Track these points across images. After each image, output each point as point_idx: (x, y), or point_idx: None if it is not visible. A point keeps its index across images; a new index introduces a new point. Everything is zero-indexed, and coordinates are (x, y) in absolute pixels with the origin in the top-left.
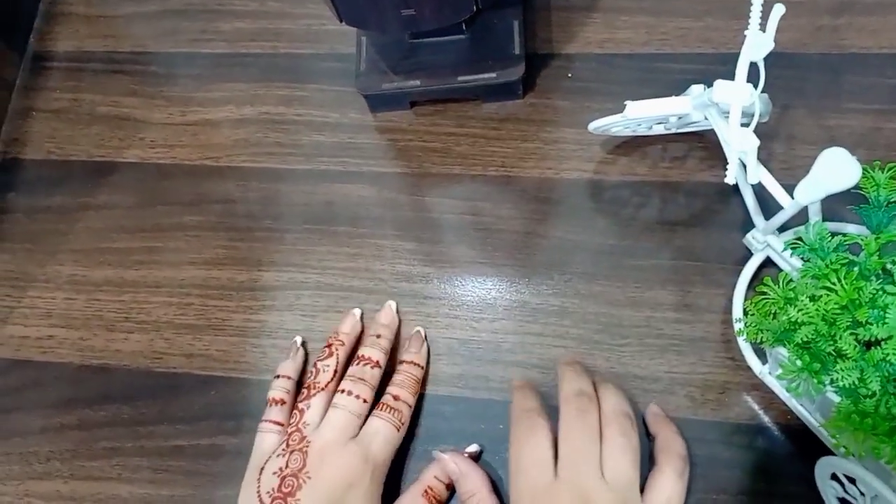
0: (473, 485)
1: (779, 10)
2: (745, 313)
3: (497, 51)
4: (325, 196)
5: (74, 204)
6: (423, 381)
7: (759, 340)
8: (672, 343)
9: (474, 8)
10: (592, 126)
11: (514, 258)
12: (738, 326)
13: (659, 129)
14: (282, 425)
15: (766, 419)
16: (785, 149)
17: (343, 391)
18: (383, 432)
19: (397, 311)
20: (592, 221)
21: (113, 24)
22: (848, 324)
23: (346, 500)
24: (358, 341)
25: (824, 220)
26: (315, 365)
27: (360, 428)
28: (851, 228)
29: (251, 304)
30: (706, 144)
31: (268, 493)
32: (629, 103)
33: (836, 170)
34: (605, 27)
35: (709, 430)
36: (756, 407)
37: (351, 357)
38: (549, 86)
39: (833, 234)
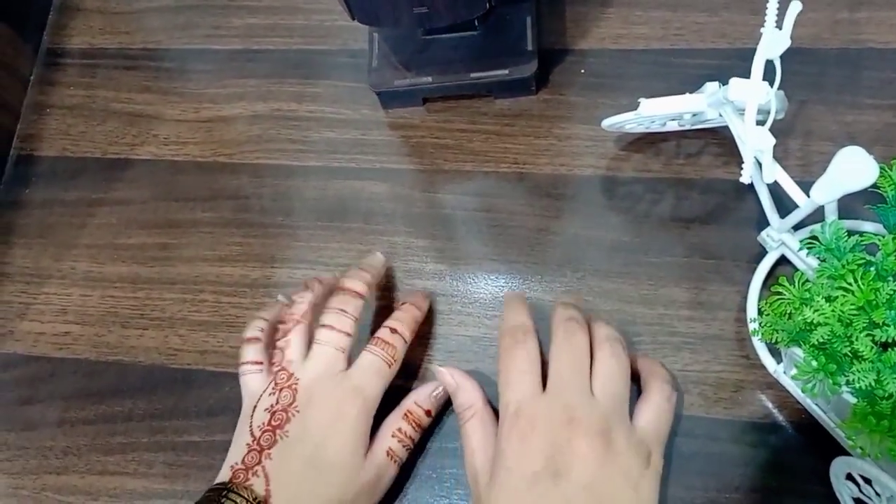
0: (470, 397)
1: (796, 7)
2: (760, 313)
3: (510, 47)
4: (338, 192)
5: (89, 200)
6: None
7: (774, 340)
8: (685, 341)
9: (487, 5)
10: (606, 123)
11: (527, 255)
12: (752, 326)
13: (673, 126)
14: (261, 364)
15: (780, 418)
16: (801, 145)
17: (324, 325)
18: (375, 367)
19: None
20: (606, 218)
21: (126, 20)
22: (864, 325)
23: (335, 432)
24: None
25: (840, 218)
26: (291, 298)
27: (347, 361)
28: (868, 227)
29: (265, 301)
30: (721, 141)
31: (258, 426)
32: (643, 100)
33: (852, 169)
34: (620, 22)
35: (722, 428)
36: (770, 406)
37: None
38: (562, 82)
39: (850, 234)
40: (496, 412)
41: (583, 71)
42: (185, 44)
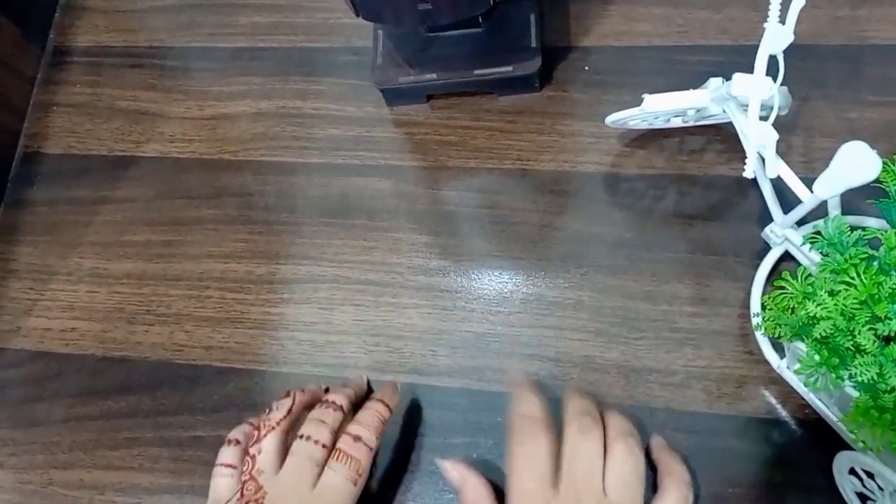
0: (475, 494)
1: (799, 3)
2: (763, 307)
3: (513, 44)
4: (342, 189)
5: (95, 197)
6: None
7: (776, 335)
8: (689, 337)
9: (491, 2)
10: (610, 119)
11: (531, 251)
12: (755, 321)
13: (677, 122)
14: (234, 468)
15: (783, 413)
16: (804, 141)
17: (302, 436)
18: (340, 488)
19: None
20: (609, 214)
21: (131, 19)
22: (867, 319)
23: None
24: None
25: (843, 213)
26: (270, 404)
27: (319, 476)
28: (871, 222)
29: (269, 297)
30: (724, 137)
31: None
32: (647, 96)
33: (855, 164)
34: (623, 19)
35: (725, 423)
36: (773, 401)
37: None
38: (565, 78)
39: (852, 229)
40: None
41: (586, 68)
42: (189, 42)
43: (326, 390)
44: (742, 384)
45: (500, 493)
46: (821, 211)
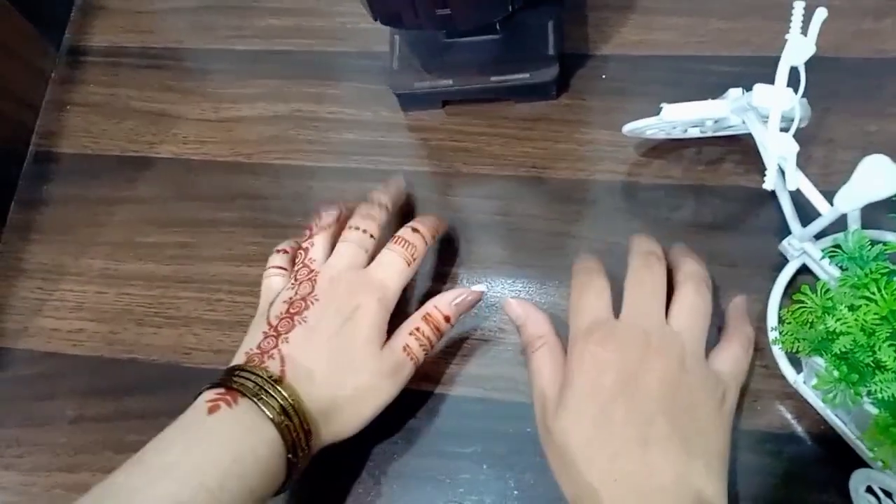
0: (540, 328)
1: (821, 14)
2: (781, 321)
3: (531, 51)
4: (356, 194)
5: (108, 198)
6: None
7: (794, 349)
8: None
9: (510, 9)
10: (627, 128)
11: (545, 259)
12: (773, 335)
13: (694, 133)
14: (285, 269)
15: (798, 428)
16: (824, 153)
17: (350, 227)
18: (395, 264)
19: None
20: (625, 224)
21: (148, 19)
22: (888, 335)
23: (353, 321)
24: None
25: (863, 227)
26: (318, 212)
27: (368, 261)
28: (892, 237)
29: None
30: (742, 148)
31: (276, 315)
32: (665, 106)
33: (876, 177)
34: (641, 28)
35: (740, 437)
36: (789, 416)
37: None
38: (582, 86)
39: (873, 243)
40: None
41: (603, 76)
42: (206, 44)
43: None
44: (757, 398)
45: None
46: (839, 224)
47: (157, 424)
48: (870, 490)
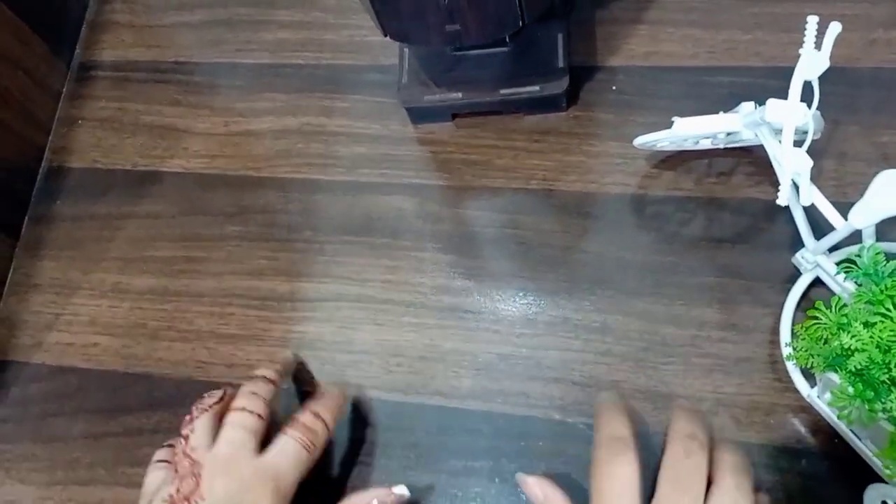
0: None
1: (835, 29)
2: (795, 335)
3: (541, 64)
4: (365, 208)
5: (118, 212)
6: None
7: (809, 365)
8: (718, 363)
9: (520, 23)
10: (638, 142)
11: (556, 273)
12: (786, 350)
13: (706, 144)
14: (167, 462)
15: (812, 443)
16: (836, 166)
17: (234, 408)
18: (292, 451)
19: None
20: (636, 237)
21: (157, 34)
22: None
23: None
24: None
25: (878, 240)
26: (201, 396)
27: (259, 446)
28: None
29: (291, 315)
30: (753, 160)
31: None
32: (677, 119)
33: (892, 192)
34: (651, 40)
35: (754, 452)
36: (803, 430)
37: None
38: (592, 99)
39: (888, 258)
40: None
41: (613, 88)
42: (215, 58)
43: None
44: (771, 412)
45: None
46: (854, 237)
47: (171, 439)
48: None
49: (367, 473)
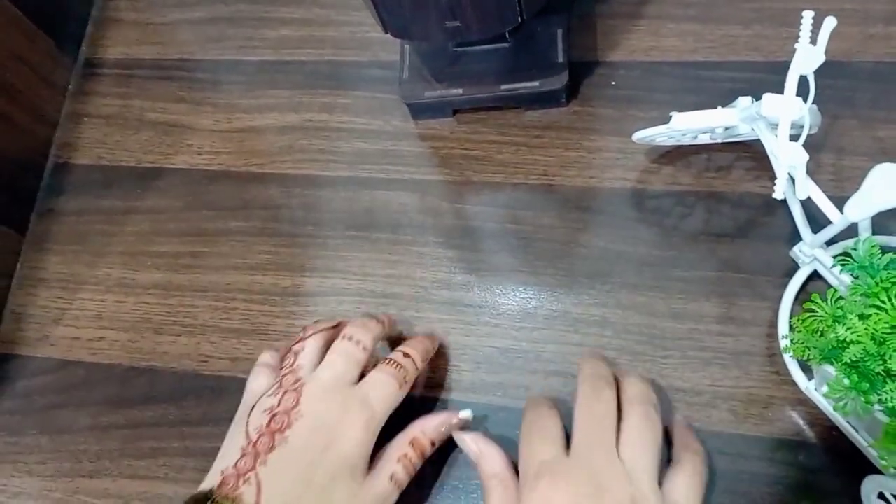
0: (494, 465)
1: (830, 24)
2: (792, 329)
3: (541, 59)
4: (367, 203)
5: (123, 208)
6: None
7: (805, 358)
8: (716, 356)
9: (519, 19)
10: (637, 136)
11: (556, 267)
12: (783, 342)
13: (704, 139)
14: (273, 369)
15: (810, 435)
16: (834, 160)
17: (344, 336)
18: (386, 385)
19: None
20: (635, 231)
21: (161, 31)
22: None
23: (336, 448)
24: None
25: (874, 233)
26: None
27: (359, 377)
28: None
29: (294, 310)
30: (752, 154)
31: (255, 428)
32: (675, 114)
33: (887, 185)
34: (651, 35)
35: (752, 445)
36: (801, 422)
37: None
38: (592, 94)
39: (883, 251)
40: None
41: (613, 83)
42: (218, 55)
43: None
44: (769, 405)
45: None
46: (851, 230)
47: (175, 432)
48: (882, 497)
49: None
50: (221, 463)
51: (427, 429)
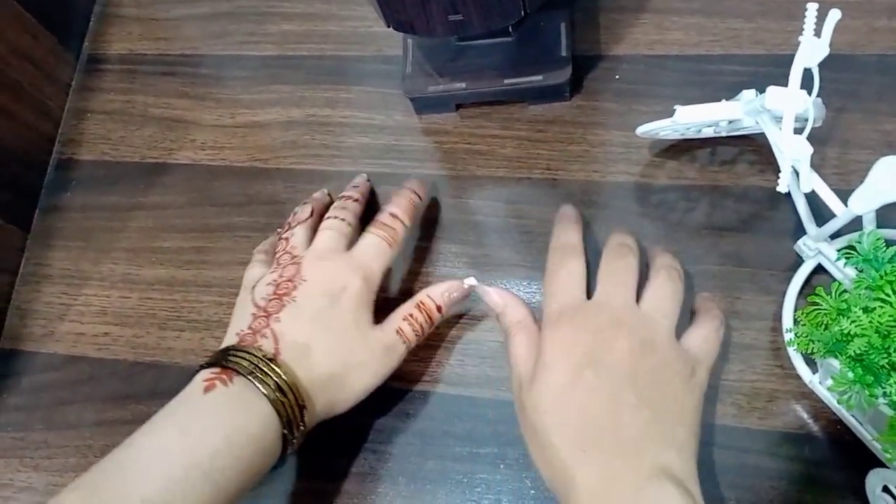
0: (518, 313)
1: (834, 16)
2: (796, 322)
3: (544, 53)
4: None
5: (127, 204)
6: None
7: (809, 351)
8: (720, 350)
9: (522, 13)
10: (641, 130)
11: None
12: (788, 336)
13: (708, 133)
14: (268, 260)
15: (814, 428)
16: (839, 154)
17: (328, 217)
18: (376, 245)
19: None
20: (639, 225)
21: (164, 27)
22: None
23: (341, 300)
24: None
25: (879, 227)
26: (294, 210)
27: (348, 247)
28: None
29: None
30: (756, 148)
31: (262, 297)
32: (679, 108)
33: (892, 178)
34: (655, 28)
35: (756, 438)
36: (805, 416)
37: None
38: (596, 88)
39: (888, 244)
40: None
41: (617, 77)
42: (221, 50)
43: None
44: (773, 399)
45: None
46: (855, 224)
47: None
48: (886, 490)
49: (374, 460)
50: (235, 327)
51: (434, 294)
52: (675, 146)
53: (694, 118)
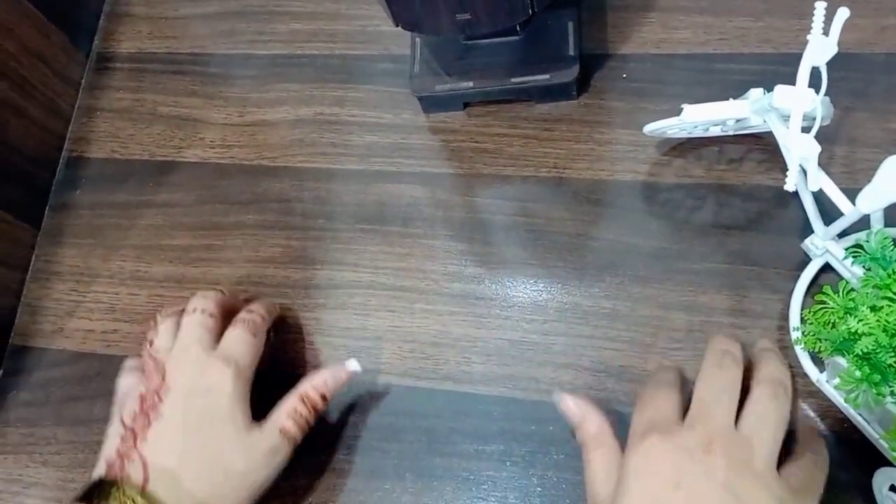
0: (597, 428)
1: (843, 14)
2: (803, 321)
3: (551, 52)
4: (378, 196)
5: (136, 202)
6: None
7: (817, 350)
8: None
9: (530, 11)
10: (648, 129)
11: (566, 260)
12: (795, 335)
13: (716, 131)
14: (136, 369)
15: (821, 427)
16: (846, 152)
17: (187, 311)
18: (238, 338)
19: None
20: (645, 224)
21: (173, 25)
22: None
23: (211, 400)
24: None
25: (887, 226)
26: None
27: (214, 343)
28: None
29: (305, 302)
30: (764, 146)
31: (129, 414)
32: (686, 107)
33: None
34: (662, 27)
35: None
36: (812, 414)
37: None
38: (603, 86)
39: (895, 243)
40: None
41: (624, 76)
42: (230, 49)
43: None
44: None
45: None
46: (863, 223)
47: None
48: (893, 489)
49: (380, 458)
50: (105, 451)
51: (317, 384)
52: (683, 145)
53: (701, 117)
